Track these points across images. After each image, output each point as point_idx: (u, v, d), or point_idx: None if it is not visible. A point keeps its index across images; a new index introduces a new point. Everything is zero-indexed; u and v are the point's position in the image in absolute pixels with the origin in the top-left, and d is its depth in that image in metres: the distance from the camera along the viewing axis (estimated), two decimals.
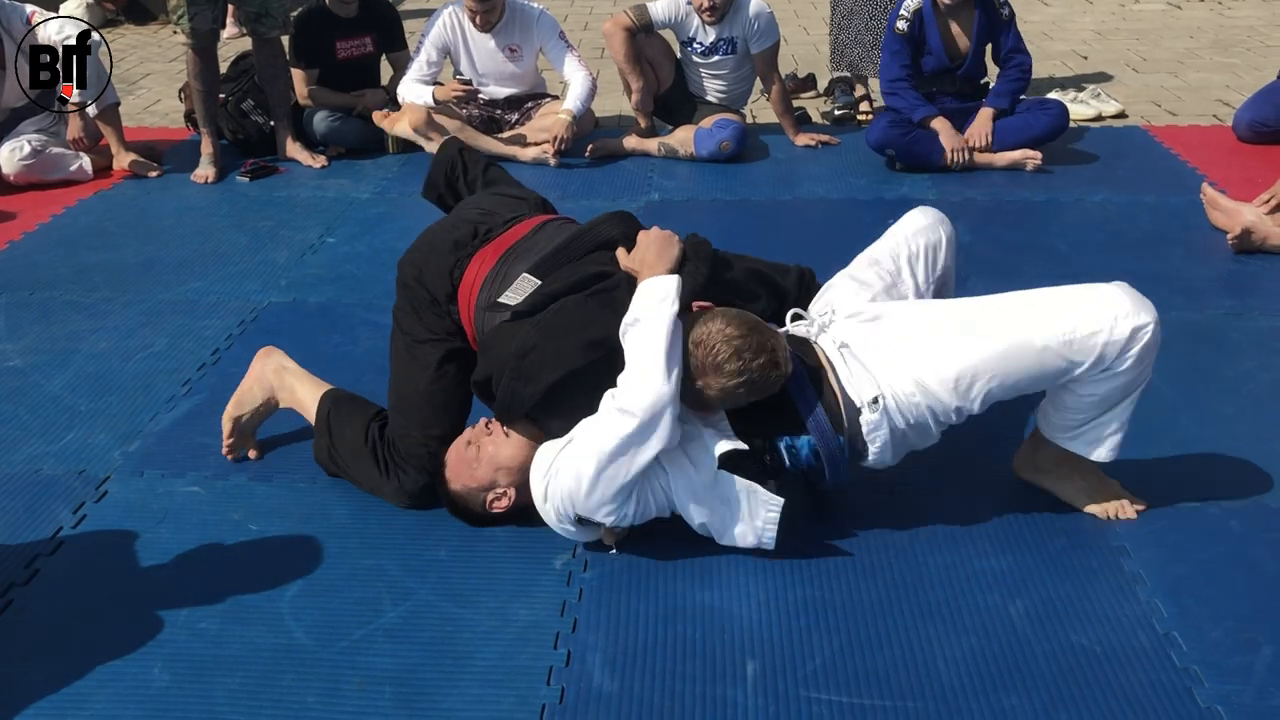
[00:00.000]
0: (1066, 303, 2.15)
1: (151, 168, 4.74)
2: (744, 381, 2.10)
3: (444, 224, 2.62)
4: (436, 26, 4.77)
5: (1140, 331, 2.09)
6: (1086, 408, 2.20)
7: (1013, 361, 2.12)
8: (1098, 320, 2.09)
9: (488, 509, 2.34)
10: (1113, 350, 2.08)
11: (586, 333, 2.24)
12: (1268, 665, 1.97)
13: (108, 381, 3.04)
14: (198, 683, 1.99)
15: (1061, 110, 4.54)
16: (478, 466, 2.31)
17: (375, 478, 2.45)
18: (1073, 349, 2.09)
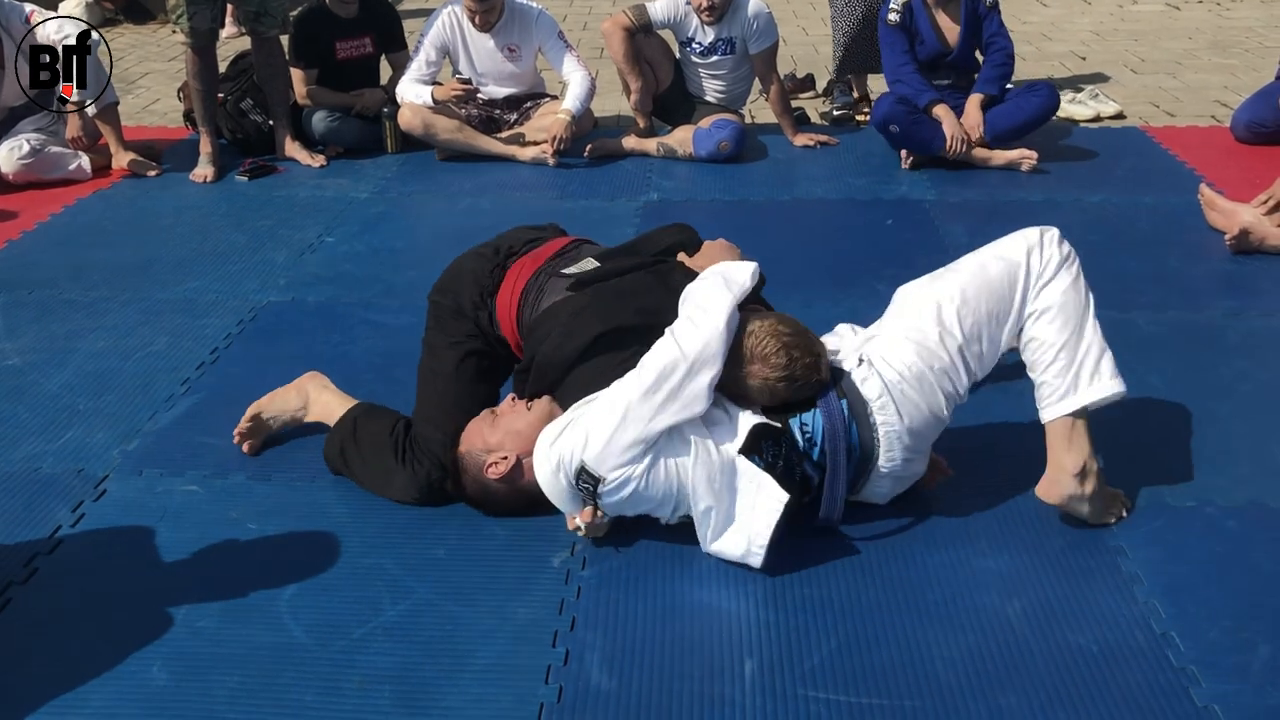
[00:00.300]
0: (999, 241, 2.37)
1: (150, 167, 4.74)
2: (786, 377, 2.19)
3: (468, 252, 2.70)
4: (435, 26, 4.77)
5: (1046, 234, 2.32)
6: (1058, 347, 2.25)
7: (968, 282, 2.28)
8: (1017, 236, 2.34)
9: (484, 472, 2.33)
10: (1035, 254, 2.28)
11: (640, 299, 2.37)
12: (1265, 664, 1.98)
13: (106, 380, 3.05)
14: (197, 681, 1.99)
15: (1050, 91, 4.57)
16: (491, 432, 2.34)
17: (388, 466, 2.47)
18: (1007, 257, 2.29)
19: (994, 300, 2.27)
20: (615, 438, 2.11)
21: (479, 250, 2.68)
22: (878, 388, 2.22)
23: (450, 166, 4.77)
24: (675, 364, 2.12)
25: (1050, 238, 2.32)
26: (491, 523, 2.41)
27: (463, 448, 2.38)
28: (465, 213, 4.28)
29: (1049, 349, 2.26)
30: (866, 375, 2.23)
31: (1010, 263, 2.29)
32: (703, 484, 2.15)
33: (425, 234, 4.14)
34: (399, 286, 3.62)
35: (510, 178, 4.63)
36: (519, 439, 2.31)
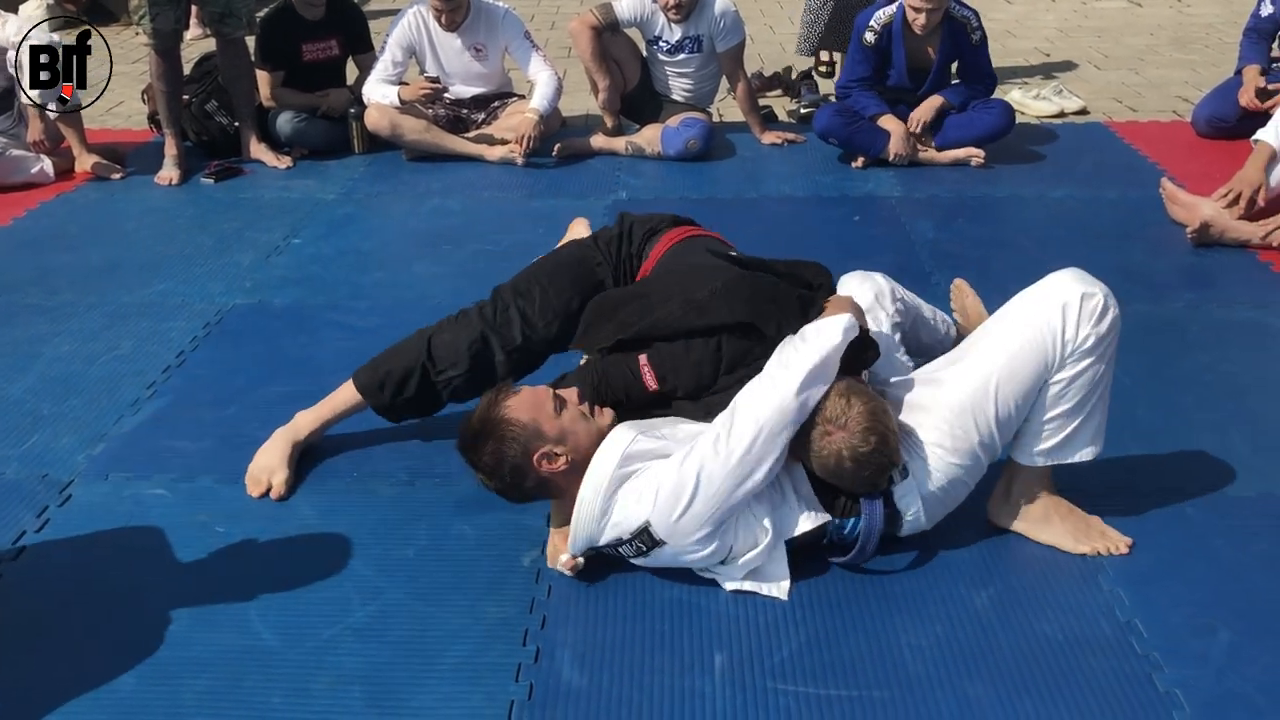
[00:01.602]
0: (1023, 307, 2.17)
1: (114, 170, 4.70)
2: (857, 457, 2.06)
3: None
4: (401, 26, 4.75)
5: (1087, 303, 2.10)
6: (1056, 413, 2.15)
7: (1003, 373, 2.11)
8: (1053, 295, 2.13)
9: (533, 459, 2.13)
10: (1069, 326, 2.08)
11: (782, 314, 2.25)
12: (1225, 650, 2.01)
13: (71, 385, 3.02)
14: (164, 685, 1.98)
15: (1005, 109, 4.56)
16: (554, 422, 2.15)
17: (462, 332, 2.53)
18: (1040, 326, 2.10)
19: (1021, 388, 2.12)
20: (692, 509, 2.03)
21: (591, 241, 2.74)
22: (915, 505, 2.18)
23: (418, 167, 4.76)
24: (769, 420, 2.03)
25: (1090, 309, 2.09)
26: (461, 522, 2.41)
27: (516, 415, 2.14)
28: (433, 213, 4.27)
29: (1044, 412, 2.15)
30: (907, 492, 2.16)
31: (1039, 341, 2.10)
32: (754, 560, 2.13)
33: (393, 235, 4.12)
34: (366, 288, 3.60)
35: (478, 177, 4.62)
36: (578, 449, 2.15)
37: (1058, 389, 2.13)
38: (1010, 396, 2.12)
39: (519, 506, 2.41)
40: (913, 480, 2.16)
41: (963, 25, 4.40)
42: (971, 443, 2.14)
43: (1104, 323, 2.10)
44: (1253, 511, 2.39)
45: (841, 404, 2.08)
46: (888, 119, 4.51)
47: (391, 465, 2.62)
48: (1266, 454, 2.59)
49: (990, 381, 2.12)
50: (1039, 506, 2.28)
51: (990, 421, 2.13)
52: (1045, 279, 2.18)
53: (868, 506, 2.15)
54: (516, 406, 2.16)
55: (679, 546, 2.07)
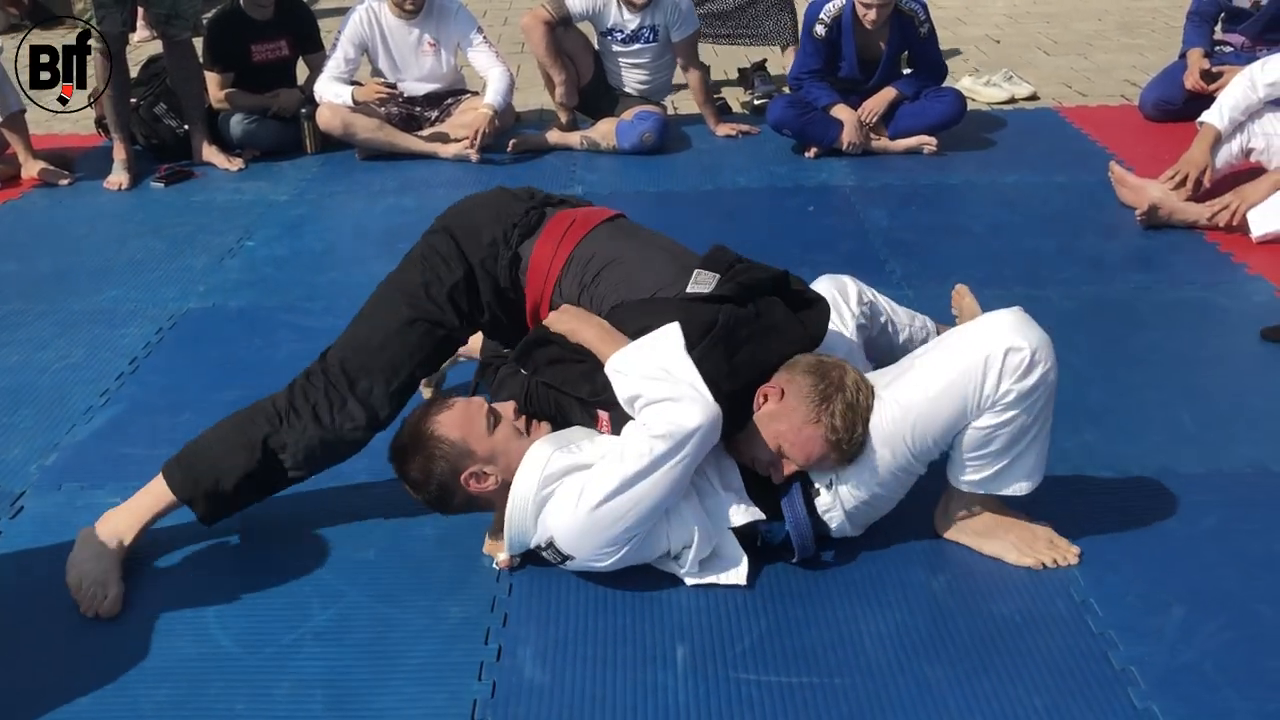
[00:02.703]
0: (955, 347, 2.09)
1: (62, 176, 4.63)
2: (842, 440, 2.07)
3: (489, 191, 2.50)
4: (352, 22, 4.72)
5: (1012, 355, 1.99)
6: (983, 453, 2.10)
7: (923, 406, 2.06)
8: (984, 337, 2.04)
9: (460, 478, 2.13)
10: (992, 375, 2.00)
11: (785, 348, 2.17)
12: (1178, 626, 2.04)
13: (22, 395, 2.98)
14: (122, 697, 1.96)
15: (956, 98, 4.60)
16: (485, 441, 2.13)
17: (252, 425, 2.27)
18: (965, 369, 2.03)
19: (940, 428, 2.07)
20: (592, 533, 2.03)
21: (503, 189, 2.46)
22: (839, 519, 2.18)
23: (371, 166, 4.73)
24: (659, 446, 1.97)
25: (1013, 364, 1.99)
26: (422, 523, 2.40)
27: (445, 432, 2.12)
28: (388, 212, 4.25)
29: (972, 450, 2.10)
30: (830, 506, 2.17)
31: (959, 390, 2.03)
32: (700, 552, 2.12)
33: (347, 235, 4.10)
34: (321, 288, 3.58)
35: (433, 175, 4.60)
36: (509, 468, 2.12)
37: (981, 434, 2.07)
38: (927, 435, 2.07)
39: None
40: (835, 496, 2.16)
41: (910, 19, 4.43)
42: (889, 468, 2.11)
43: (1029, 379, 2.00)
44: (1202, 488, 2.43)
45: (836, 374, 2.09)
46: (840, 109, 4.54)
47: (350, 467, 2.57)
48: (1214, 431, 2.64)
49: (908, 418, 2.07)
50: (980, 521, 2.25)
51: (907, 454, 2.09)
52: (983, 319, 2.11)
53: (789, 512, 2.15)
54: (446, 423, 2.14)
55: (584, 559, 2.09)
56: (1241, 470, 2.49)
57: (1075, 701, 1.88)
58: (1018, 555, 2.22)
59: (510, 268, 2.31)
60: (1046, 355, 2.02)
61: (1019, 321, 2.05)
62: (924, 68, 4.61)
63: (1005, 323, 2.05)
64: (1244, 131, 3.84)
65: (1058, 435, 2.59)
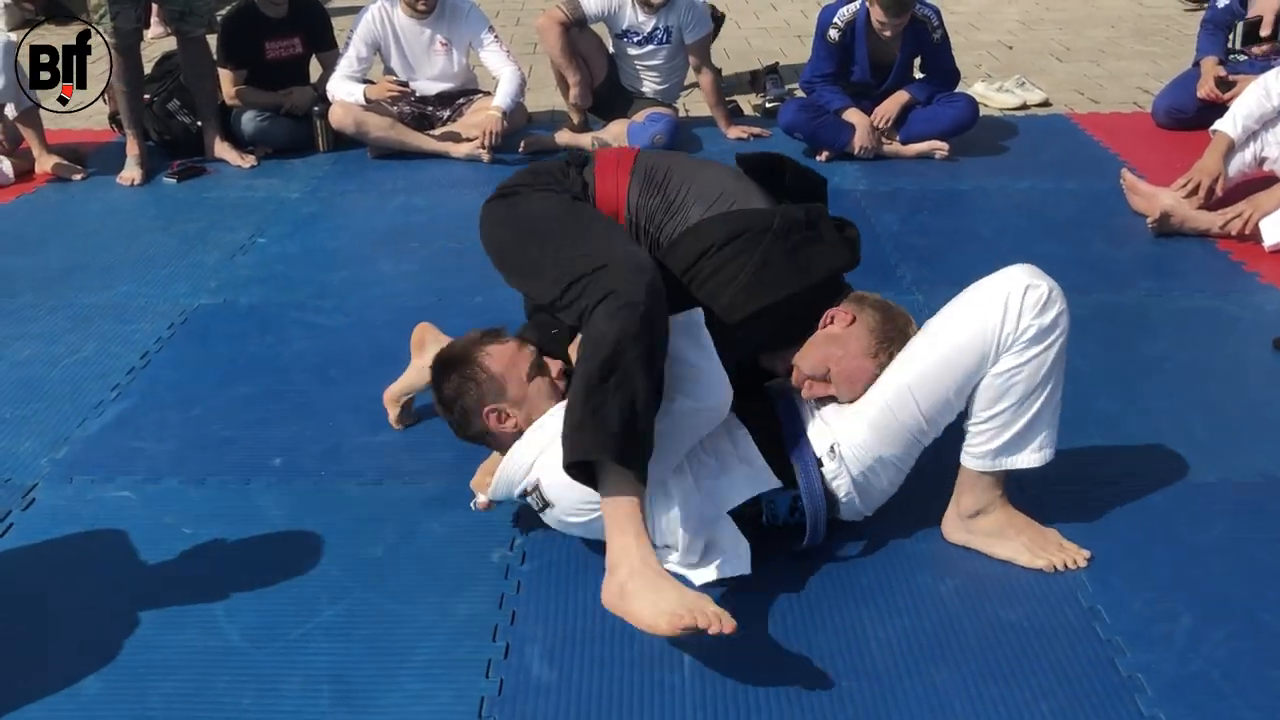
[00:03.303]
0: (968, 296, 2.11)
1: (75, 171, 4.65)
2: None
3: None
4: (365, 21, 4.73)
5: (1030, 293, 2.01)
6: (1000, 409, 2.09)
7: (935, 361, 2.09)
8: (998, 285, 2.06)
9: (483, 412, 2.20)
10: (1010, 317, 2.02)
11: (834, 260, 2.28)
12: (1187, 634, 2.04)
13: (33, 388, 2.99)
14: (131, 688, 1.96)
15: (968, 103, 4.61)
16: (520, 386, 2.20)
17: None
18: (979, 319, 2.05)
19: (960, 376, 2.07)
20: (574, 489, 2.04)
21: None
22: (846, 485, 2.19)
23: (383, 165, 4.74)
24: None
25: (1033, 300, 2.02)
26: (430, 520, 2.40)
27: (488, 363, 2.19)
28: (399, 211, 4.26)
29: (988, 407, 2.10)
30: (837, 472, 2.17)
31: (980, 329, 2.04)
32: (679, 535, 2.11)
33: (358, 233, 4.10)
34: (332, 286, 3.59)
35: (444, 175, 4.61)
36: (531, 418, 2.20)
37: (1000, 381, 2.05)
38: (944, 387, 2.08)
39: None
40: (841, 462, 2.17)
41: (924, 24, 4.43)
42: (901, 430, 2.14)
43: (1048, 314, 2.02)
44: (1212, 496, 2.42)
45: (900, 319, 2.26)
46: (852, 113, 4.54)
47: (359, 465, 2.61)
48: (1225, 440, 2.63)
49: (922, 370, 2.09)
50: (992, 520, 2.24)
51: (917, 413, 2.11)
52: (998, 272, 2.12)
53: (803, 478, 2.17)
54: (494, 355, 2.23)
55: (563, 511, 2.13)
56: (1252, 479, 2.49)
57: (1082, 708, 1.88)
58: (1030, 557, 2.22)
59: (582, 192, 2.38)
60: (1061, 298, 2.05)
61: (1033, 269, 2.09)
62: (936, 73, 4.62)
63: (1019, 268, 2.08)
64: (1257, 140, 3.83)
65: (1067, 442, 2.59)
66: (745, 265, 2.19)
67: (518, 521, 2.38)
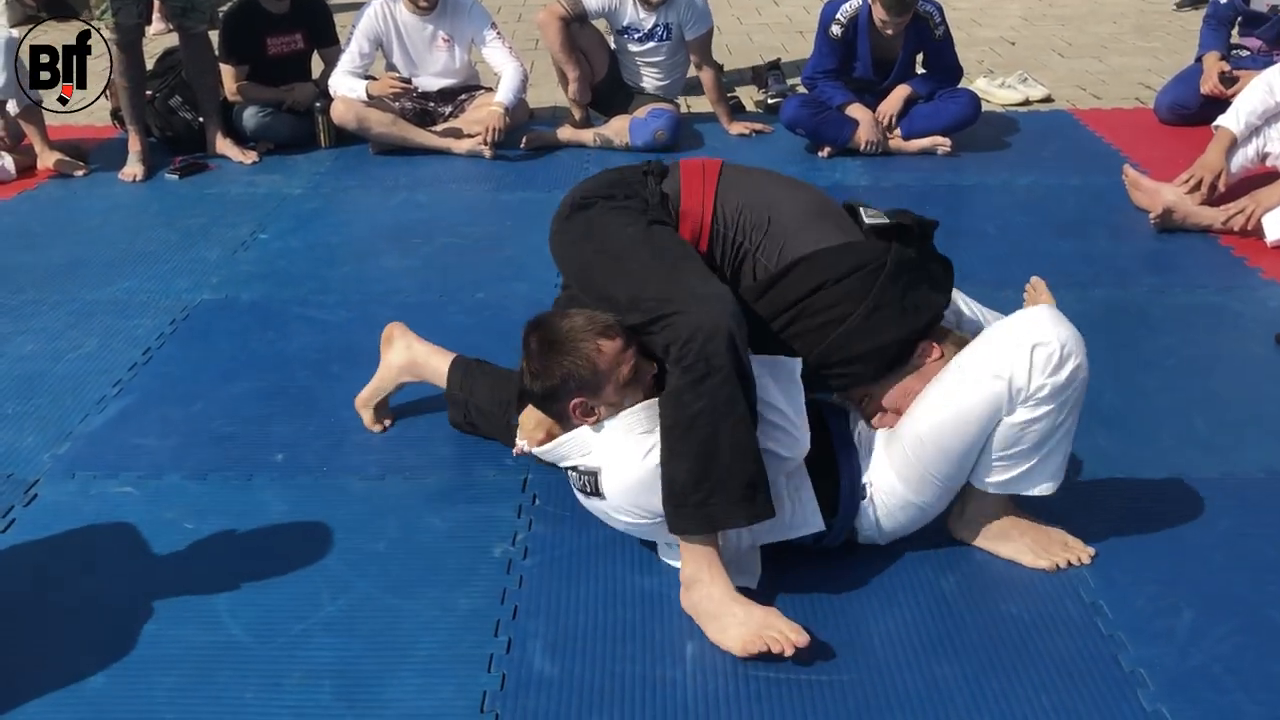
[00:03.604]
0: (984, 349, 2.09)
1: (77, 167, 4.65)
2: None
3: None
4: (367, 17, 4.73)
5: (1039, 351, 2.00)
6: (1011, 452, 2.09)
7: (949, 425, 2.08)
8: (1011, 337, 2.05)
9: (572, 404, 2.12)
10: (1020, 375, 2.00)
11: (937, 299, 2.25)
12: (1188, 628, 2.04)
13: (35, 384, 2.99)
14: (134, 683, 1.97)
15: (971, 99, 4.60)
16: (618, 386, 2.11)
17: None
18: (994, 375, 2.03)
19: (976, 431, 2.07)
20: (650, 491, 2.06)
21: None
22: (870, 524, 2.19)
23: (384, 160, 4.73)
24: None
25: (1042, 359, 1.99)
26: (431, 515, 2.41)
27: (594, 358, 2.09)
28: (401, 207, 4.26)
29: (1003, 449, 2.09)
30: (863, 516, 2.17)
31: (994, 386, 2.02)
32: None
33: (360, 229, 4.10)
34: (334, 282, 3.59)
35: (446, 171, 4.61)
36: (613, 408, 2.13)
37: (1012, 432, 2.05)
38: (960, 443, 2.08)
39: (489, 499, 2.43)
40: (870, 502, 2.16)
41: (926, 21, 4.43)
42: (928, 481, 2.12)
43: (1061, 373, 1.99)
44: (1215, 491, 2.42)
45: None
46: (855, 108, 4.54)
47: (361, 460, 2.61)
48: (1228, 435, 2.63)
49: (938, 428, 2.08)
50: (996, 524, 2.24)
51: (939, 470, 2.10)
52: (1014, 318, 2.09)
53: (844, 513, 2.16)
54: (604, 351, 2.10)
55: (609, 506, 2.13)
56: (1254, 474, 2.49)
57: (1084, 702, 1.88)
58: (1033, 558, 2.21)
59: (661, 207, 2.27)
60: (1077, 349, 2.02)
61: (1051, 318, 2.06)
62: (939, 69, 4.61)
63: (1036, 320, 2.05)
64: (1260, 136, 3.83)
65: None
66: (858, 305, 2.13)
67: (520, 516, 2.38)
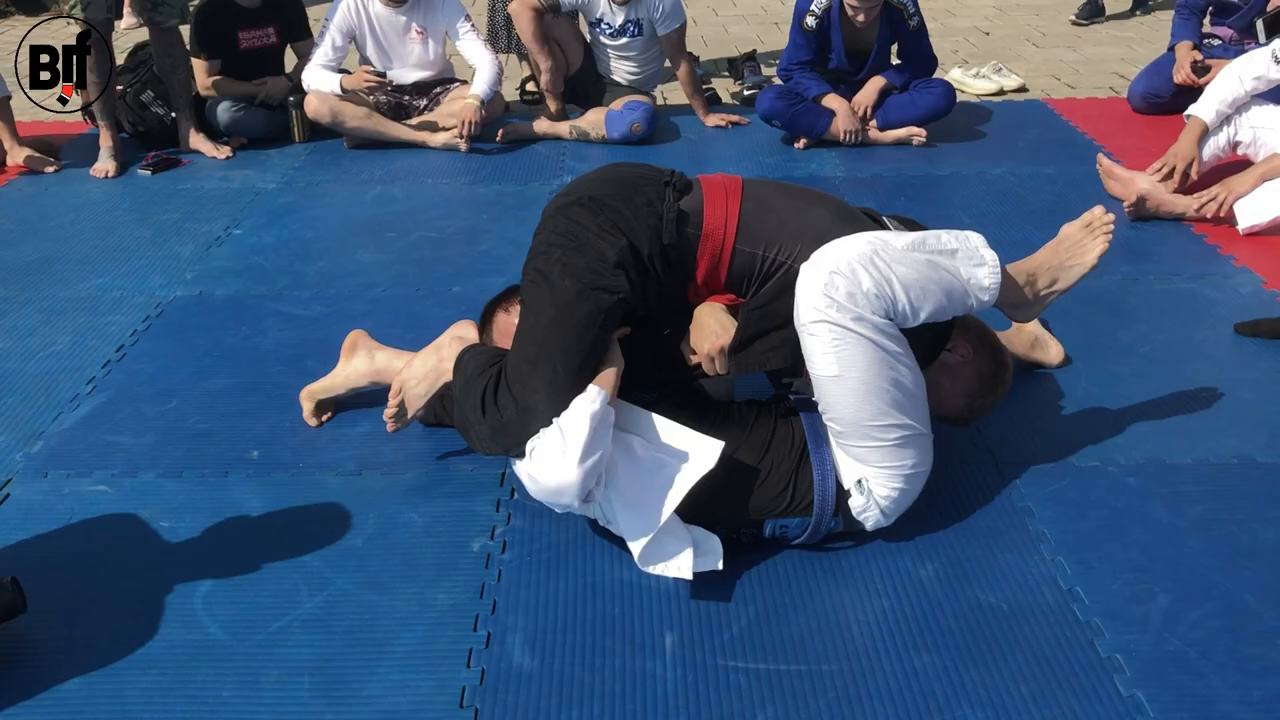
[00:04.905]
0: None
1: (48, 163, 4.60)
2: (968, 420, 2.44)
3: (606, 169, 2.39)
4: (340, 10, 4.69)
5: (833, 280, 2.02)
6: (936, 307, 2.10)
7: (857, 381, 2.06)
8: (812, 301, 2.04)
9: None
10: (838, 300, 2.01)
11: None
12: (1163, 614, 2.05)
13: (7, 382, 2.96)
14: (109, 683, 1.95)
15: (946, 90, 4.60)
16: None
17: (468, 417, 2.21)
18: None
19: (870, 377, 2.06)
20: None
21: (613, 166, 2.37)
22: (875, 517, 2.19)
23: (359, 154, 4.71)
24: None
25: (839, 285, 2.01)
26: (409, 511, 2.40)
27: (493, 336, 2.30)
28: (376, 201, 4.23)
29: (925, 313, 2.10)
30: (865, 507, 2.17)
31: (830, 335, 2.04)
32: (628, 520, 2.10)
33: (335, 223, 4.07)
34: (309, 277, 3.57)
35: (421, 164, 4.59)
36: None
37: (896, 308, 2.04)
38: (870, 397, 2.06)
39: (467, 493, 2.42)
40: (870, 496, 2.16)
41: (900, 11, 4.42)
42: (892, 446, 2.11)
43: (859, 278, 2.01)
44: (1189, 478, 2.44)
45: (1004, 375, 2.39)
46: (831, 98, 4.54)
47: (338, 456, 2.60)
48: (1201, 421, 2.65)
49: (844, 403, 2.08)
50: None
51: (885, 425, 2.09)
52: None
53: (819, 510, 2.15)
54: (500, 326, 2.41)
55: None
56: (1227, 461, 2.51)
57: (1061, 689, 1.89)
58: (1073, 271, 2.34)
59: (677, 224, 2.19)
60: (847, 253, 2.04)
61: (815, 259, 2.07)
62: (913, 60, 4.61)
63: (805, 271, 2.07)
64: (1231, 124, 3.85)
65: (1045, 424, 2.62)
66: None
67: (498, 510, 2.38)
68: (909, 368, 2.08)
